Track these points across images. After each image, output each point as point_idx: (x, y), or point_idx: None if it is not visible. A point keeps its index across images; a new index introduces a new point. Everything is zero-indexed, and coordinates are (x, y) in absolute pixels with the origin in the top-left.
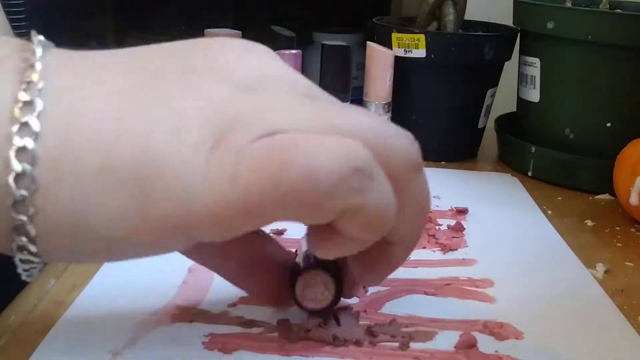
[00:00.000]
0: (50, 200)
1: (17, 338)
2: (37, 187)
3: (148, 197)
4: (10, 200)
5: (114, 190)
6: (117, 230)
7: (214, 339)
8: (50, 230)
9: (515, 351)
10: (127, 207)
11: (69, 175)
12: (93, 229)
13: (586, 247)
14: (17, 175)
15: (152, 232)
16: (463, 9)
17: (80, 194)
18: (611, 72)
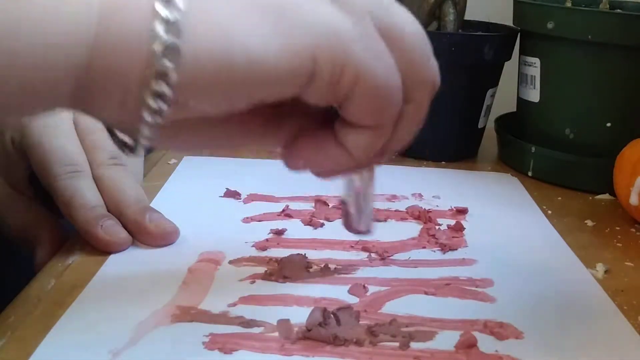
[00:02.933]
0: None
1: (17, 338)
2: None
3: (290, 23)
4: (158, 47)
5: (258, 15)
6: (262, 55)
7: (214, 339)
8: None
9: (515, 351)
10: (272, 30)
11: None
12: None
13: (586, 247)
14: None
15: (291, 57)
16: (463, 9)
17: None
18: (611, 72)
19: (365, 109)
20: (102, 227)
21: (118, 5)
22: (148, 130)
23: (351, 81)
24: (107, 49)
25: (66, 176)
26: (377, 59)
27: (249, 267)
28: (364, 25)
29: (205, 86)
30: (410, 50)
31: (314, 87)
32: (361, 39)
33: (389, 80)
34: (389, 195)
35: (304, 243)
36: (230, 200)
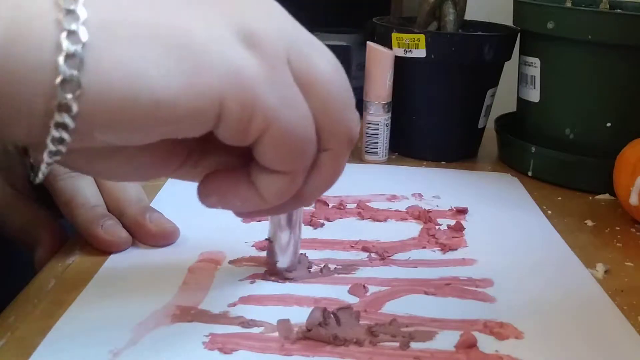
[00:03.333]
0: (100, 69)
1: (17, 338)
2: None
3: (195, 63)
4: (58, 80)
5: (164, 54)
6: (166, 93)
7: (214, 339)
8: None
9: (515, 351)
10: (177, 69)
11: (121, 41)
12: (142, 91)
13: (586, 247)
14: (67, 55)
15: (196, 98)
16: (463, 9)
17: (132, 55)
18: (611, 72)
19: (276, 155)
20: (103, 227)
21: (22, 35)
22: (50, 158)
23: (260, 127)
24: (9, 79)
25: (66, 176)
26: (288, 106)
27: (249, 267)
28: (277, 70)
29: (108, 119)
30: (326, 99)
31: (222, 129)
32: (272, 84)
33: (299, 128)
34: (389, 195)
35: (304, 243)
36: None
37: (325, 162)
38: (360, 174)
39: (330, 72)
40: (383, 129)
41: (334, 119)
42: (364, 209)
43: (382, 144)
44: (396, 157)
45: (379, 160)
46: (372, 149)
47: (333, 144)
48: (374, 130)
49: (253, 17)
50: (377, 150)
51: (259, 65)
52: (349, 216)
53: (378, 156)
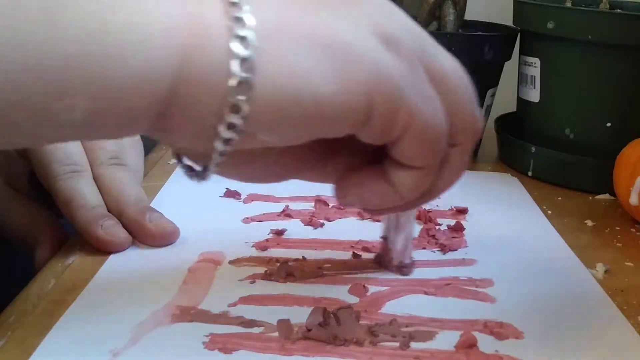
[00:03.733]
0: (269, 71)
1: (17, 338)
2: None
3: (348, 62)
4: (233, 82)
5: (321, 54)
6: (325, 92)
7: (214, 339)
8: (263, 104)
9: (515, 351)
10: (332, 69)
11: (285, 43)
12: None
13: (586, 247)
14: (240, 59)
15: (350, 96)
16: (463, 9)
17: (295, 57)
18: (611, 72)
19: (416, 150)
20: (102, 227)
21: (200, 43)
22: (218, 158)
23: (404, 123)
24: (187, 84)
25: (66, 176)
26: (427, 102)
27: (249, 267)
28: (415, 68)
29: (273, 120)
30: (456, 95)
31: (369, 127)
32: (413, 82)
33: (437, 123)
34: None
35: (304, 243)
36: (230, 200)
37: (454, 158)
38: None
39: (457, 70)
40: None
41: (464, 114)
42: None
43: None
44: None
45: None
46: None
47: (462, 139)
48: None
49: (386, 19)
50: None
51: (400, 64)
52: (349, 216)
53: None
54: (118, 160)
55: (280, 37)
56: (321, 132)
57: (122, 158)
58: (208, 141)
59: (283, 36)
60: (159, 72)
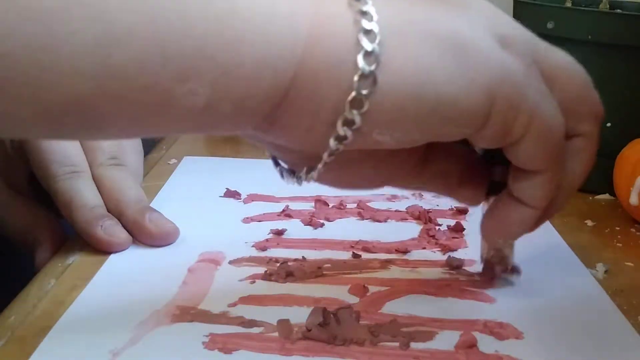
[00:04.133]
0: (393, 67)
1: (17, 338)
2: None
3: (471, 62)
4: (357, 76)
5: (444, 52)
6: (448, 90)
7: (214, 339)
8: (384, 101)
9: (515, 351)
10: (456, 67)
11: (408, 39)
12: (428, 89)
13: (586, 247)
14: (366, 52)
15: (473, 96)
16: None
17: (419, 53)
18: (611, 72)
19: (537, 151)
20: (102, 228)
21: (325, 33)
22: (328, 158)
23: (524, 124)
24: (309, 75)
25: (65, 177)
26: (546, 101)
27: (249, 267)
28: (531, 67)
29: (392, 118)
30: (569, 86)
31: (488, 128)
32: (531, 82)
33: (557, 121)
34: (390, 195)
35: (304, 243)
36: (230, 200)
37: (582, 147)
38: None
39: (570, 62)
40: None
41: (583, 102)
42: (364, 209)
43: None
44: None
45: None
46: None
47: (585, 127)
48: None
49: (500, 21)
50: None
51: (519, 64)
52: (349, 216)
53: None
54: (117, 161)
55: (405, 33)
56: (438, 133)
57: (121, 158)
58: (321, 138)
59: (407, 32)
60: (282, 58)
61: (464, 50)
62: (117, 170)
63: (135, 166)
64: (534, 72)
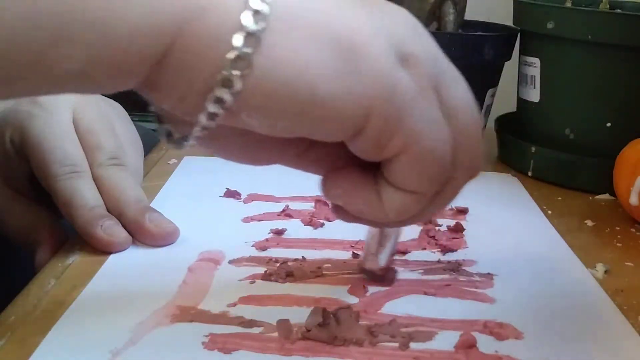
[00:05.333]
0: (273, 54)
1: (17, 338)
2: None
3: (359, 68)
4: (232, 55)
5: (333, 52)
6: (324, 90)
7: (213, 339)
8: (257, 85)
9: (515, 351)
10: (341, 70)
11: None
12: (304, 83)
13: (586, 247)
14: (248, 33)
15: (349, 103)
16: (463, 9)
17: (305, 47)
18: (611, 72)
19: (409, 175)
20: (102, 228)
21: (208, 5)
22: (199, 131)
23: (399, 146)
24: (185, 46)
25: (65, 177)
26: (432, 129)
27: (249, 267)
28: (426, 93)
29: (262, 105)
30: (466, 128)
31: (360, 140)
32: (421, 105)
33: (439, 152)
34: None
35: (304, 243)
36: (230, 200)
37: (447, 189)
38: None
39: (471, 105)
40: None
41: (468, 149)
42: None
43: None
44: None
45: None
46: None
47: (459, 173)
48: None
49: (410, 36)
50: None
51: (412, 84)
52: None
53: None
54: (118, 161)
55: (296, 22)
56: (310, 131)
57: (121, 158)
58: (193, 110)
59: (299, 22)
60: (161, 24)
61: (354, 55)
62: (117, 170)
63: (136, 166)
64: (428, 97)
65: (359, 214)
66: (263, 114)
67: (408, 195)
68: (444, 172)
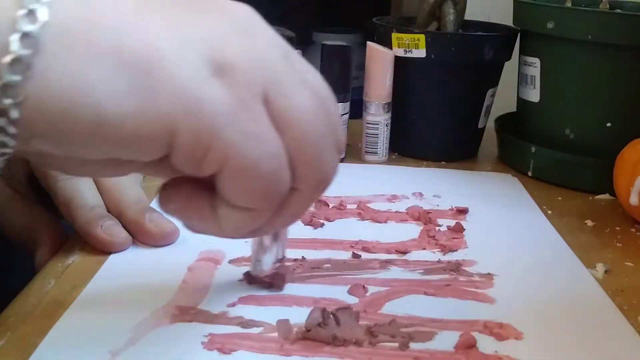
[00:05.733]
0: (47, 78)
1: (17, 338)
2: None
3: (152, 86)
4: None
5: (121, 71)
6: (113, 113)
7: (213, 339)
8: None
9: (515, 351)
10: (131, 89)
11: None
12: (87, 107)
13: (586, 247)
14: (14, 59)
15: (145, 123)
16: (463, 9)
17: (84, 68)
18: (611, 72)
19: (236, 191)
20: (102, 228)
21: None
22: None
23: (217, 161)
24: None
25: (65, 177)
26: (254, 142)
27: (248, 267)
28: (246, 104)
29: (47, 130)
30: (301, 139)
31: (175, 157)
32: (237, 118)
33: (265, 166)
34: (390, 195)
35: (304, 243)
36: None
37: (291, 202)
38: (360, 174)
39: (311, 112)
40: (383, 129)
41: (309, 161)
42: (364, 209)
43: (382, 144)
44: (396, 157)
45: (379, 160)
46: (372, 149)
47: (303, 186)
48: (374, 130)
49: (232, 45)
50: (377, 150)
51: (225, 97)
52: (349, 216)
53: (378, 156)
54: None
55: (74, 41)
56: (114, 154)
57: None
58: None
59: (79, 40)
60: None
61: (149, 72)
62: None
63: None
64: (249, 109)
65: (194, 229)
66: (53, 140)
67: (243, 211)
68: (277, 188)
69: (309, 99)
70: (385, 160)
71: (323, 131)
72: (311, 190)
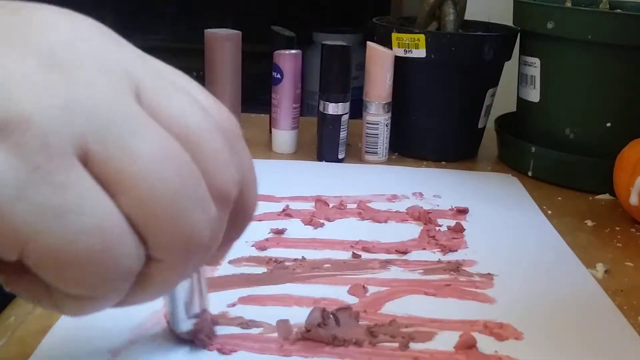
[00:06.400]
0: None
1: (17, 338)
2: None
3: None
4: None
5: None
6: None
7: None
8: None
9: (515, 351)
10: None
11: None
12: None
13: (586, 247)
14: None
15: None
16: (463, 9)
17: None
18: (611, 72)
19: (54, 280)
20: None
21: None
22: None
23: (16, 248)
24: None
25: None
26: (57, 220)
27: (248, 267)
28: (41, 169)
29: None
30: (146, 198)
31: None
32: (27, 191)
33: (82, 245)
34: (390, 195)
35: (304, 243)
36: None
37: (153, 275)
38: (360, 174)
39: (158, 161)
40: (383, 129)
41: (161, 225)
42: (364, 209)
43: (382, 144)
44: (396, 157)
45: (379, 160)
46: (372, 149)
47: (163, 254)
48: (374, 130)
49: (31, 90)
50: (377, 150)
51: (10, 164)
52: (349, 216)
53: (378, 156)
54: None
55: None
56: None
57: None
58: None
59: None
60: None
61: None
62: None
63: None
64: (49, 175)
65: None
66: None
67: (80, 299)
68: (115, 266)
69: (155, 142)
70: (385, 160)
71: (179, 182)
72: (175, 257)
